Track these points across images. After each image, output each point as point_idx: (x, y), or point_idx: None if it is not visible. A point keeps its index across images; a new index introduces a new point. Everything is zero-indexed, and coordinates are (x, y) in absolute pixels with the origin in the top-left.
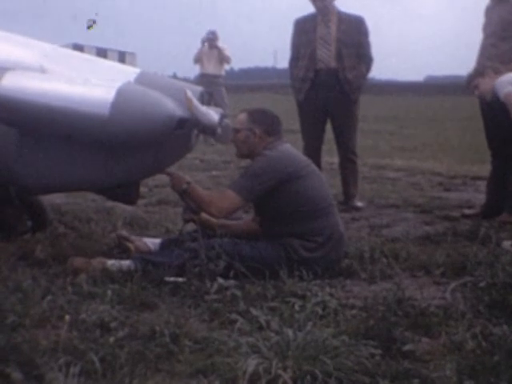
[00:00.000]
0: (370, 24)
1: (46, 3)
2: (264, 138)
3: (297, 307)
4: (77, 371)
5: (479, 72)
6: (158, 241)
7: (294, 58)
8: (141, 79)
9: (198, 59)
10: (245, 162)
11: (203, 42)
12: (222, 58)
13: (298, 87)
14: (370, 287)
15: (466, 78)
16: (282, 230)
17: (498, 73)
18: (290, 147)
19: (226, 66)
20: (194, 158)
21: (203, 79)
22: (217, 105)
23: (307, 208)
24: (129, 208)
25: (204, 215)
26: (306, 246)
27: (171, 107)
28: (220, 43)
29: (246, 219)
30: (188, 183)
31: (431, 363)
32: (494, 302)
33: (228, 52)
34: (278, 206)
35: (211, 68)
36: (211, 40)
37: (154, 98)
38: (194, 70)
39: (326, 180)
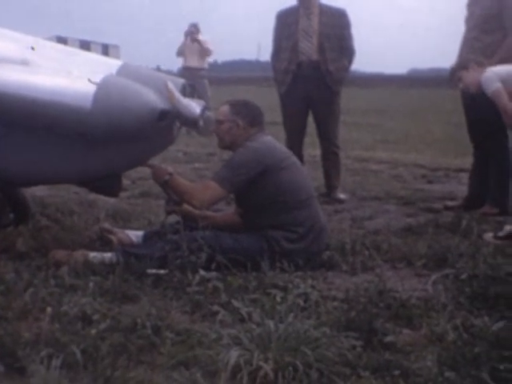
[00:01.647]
0: (351, 16)
1: None
2: (247, 129)
3: (278, 299)
4: (58, 363)
5: (463, 65)
6: (140, 233)
7: (276, 51)
8: (123, 71)
9: (180, 52)
10: (228, 155)
11: (186, 35)
12: (203, 51)
13: (280, 80)
14: (352, 279)
15: (450, 71)
16: (263, 222)
17: (482, 66)
18: (272, 139)
19: (209, 59)
20: (177, 150)
21: (186, 72)
22: (200, 97)
23: (288, 199)
24: (111, 200)
25: (186, 206)
26: (287, 237)
27: (153, 99)
28: (202, 36)
29: (228, 211)
30: (170, 174)
31: (412, 354)
32: (475, 293)
33: (210, 45)
34: (259, 197)
35: (194, 61)
36: (193, 33)
37: (135, 90)
38: (178, 63)
39: (307, 172)
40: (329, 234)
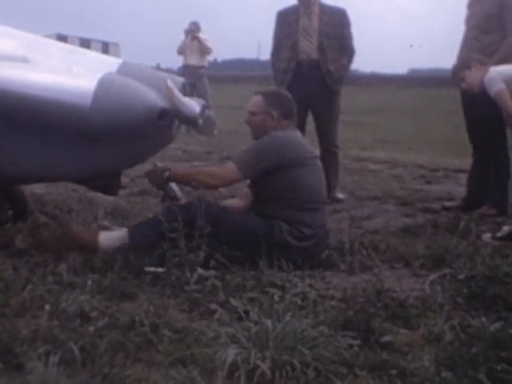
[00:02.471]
0: (351, 16)
1: None
2: (280, 120)
3: (276, 298)
4: (56, 360)
5: (466, 64)
6: None
7: (276, 50)
8: (123, 69)
9: (181, 51)
10: (227, 153)
11: (186, 33)
12: (203, 49)
13: (280, 79)
14: (350, 278)
15: (452, 70)
16: (273, 213)
17: (485, 65)
18: (299, 134)
19: (209, 57)
20: (177, 148)
21: (186, 70)
22: (199, 96)
23: (301, 198)
24: (110, 198)
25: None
26: (292, 233)
27: (153, 97)
28: (202, 34)
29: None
30: (168, 169)
31: (409, 354)
32: (472, 294)
33: (210, 43)
34: (272, 188)
35: (194, 59)
36: (193, 31)
37: (135, 88)
38: (178, 62)
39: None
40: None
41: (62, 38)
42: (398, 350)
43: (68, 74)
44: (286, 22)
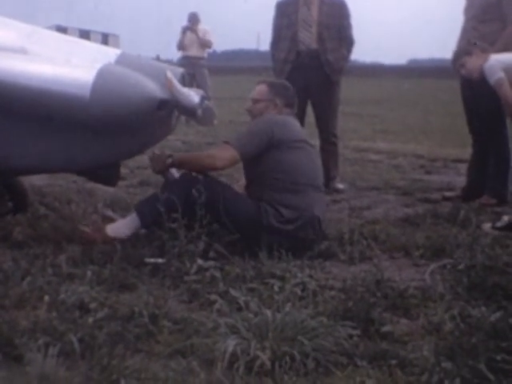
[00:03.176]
0: (351, 6)
1: None
2: (281, 109)
3: (276, 288)
4: (56, 352)
5: (466, 50)
6: None
7: (276, 40)
8: (121, 60)
9: (180, 46)
10: None
11: (184, 30)
12: (203, 42)
13: (280, 69)
14: (350, 269)
15: (452, 56)
16: (261, 195)
17: (485, 52)
18: (294, 119)
19: (208, 49)
20: (176, 139)
21: (186, 61)
22: (199, 87)
23: (285, 179)
24: (110, 189)
25: None
26: (276, 217)
27: (152, 88)
28: (201, 26)
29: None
30: (170, 156)
31: (409, 344)
32: (472, 284)
33: (210, 35)
34: (259, 168)
35: (194, 50)
36: (192, 23)
37: (134, 78)
38: (177, 53)
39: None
40: (325, 225)
41: (61, 29)
42: (397, 339)
43: (67, 65)
44: (285, 12)
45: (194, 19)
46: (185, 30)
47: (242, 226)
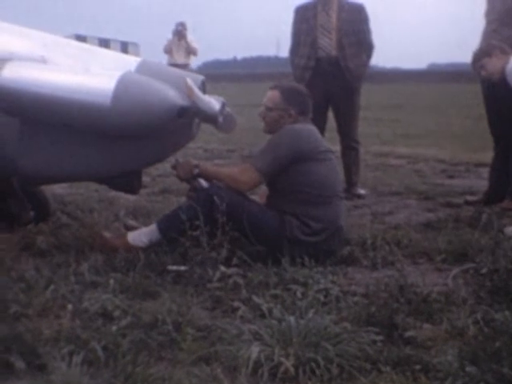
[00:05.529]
0: (369, 11)
1: None
2: (297, 118)
3: (299, 294)
4: (79, 360)
5: (486, 52)
6: None
7: (295, 47)
8: (142, 68)
9: (167, 50)
10: (247, 151)
11: (174, 34)
12: (190, 50)
13: (300, 76)
14: (372, 274)
15: (472, 57)
16: (282, 206)
17: (506, 54)
18: (314, 128)
19: (193, 58)
20: (198, 147)
21: None
22: None
23: (310, 192)
24: (131, 197)
25: None
26: (300, 228)
27: (172, 96)
28: (189, 34)
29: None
30: (197, 166)
31: (433, 349)
32: (495, 288)
33: (195, 44)
34: (284, 182)
35: (181, 58)
36: (180, 32)
37: (155, 86)
38: (163, 60)
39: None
40: (346, 233)
41: (80, 38)
42: (421, 345)
43: (87, 74)
44: (304, 17)
45: (181, 28)
46: (174, 34)
47: (265, 239)
